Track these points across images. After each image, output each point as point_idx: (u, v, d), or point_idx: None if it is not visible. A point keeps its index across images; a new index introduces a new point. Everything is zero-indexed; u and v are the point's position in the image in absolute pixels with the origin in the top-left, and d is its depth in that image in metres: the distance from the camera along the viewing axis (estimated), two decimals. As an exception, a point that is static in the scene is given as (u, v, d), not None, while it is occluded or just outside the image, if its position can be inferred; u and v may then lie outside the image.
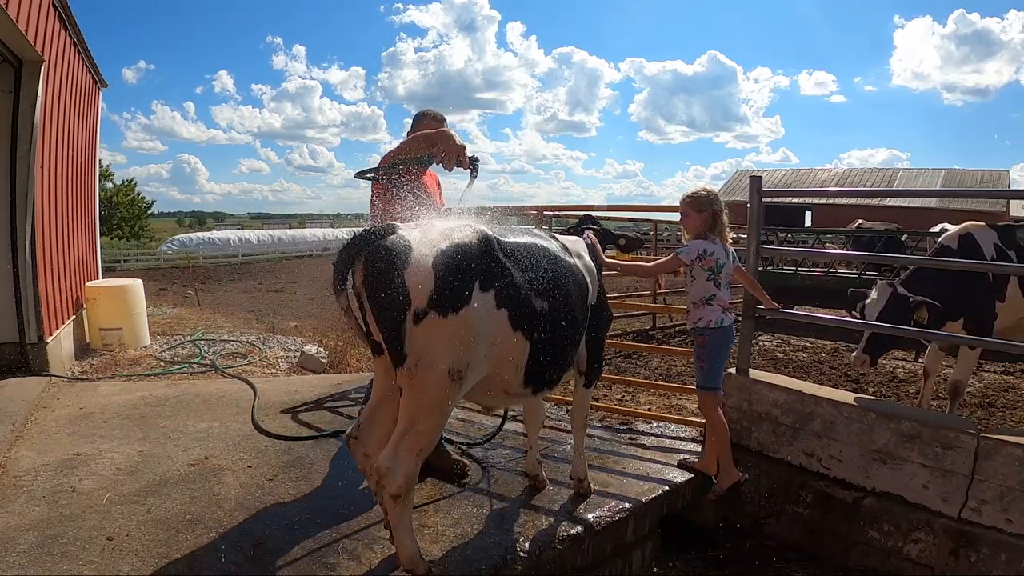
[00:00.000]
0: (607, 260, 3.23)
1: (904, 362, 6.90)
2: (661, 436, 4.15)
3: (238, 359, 6.28)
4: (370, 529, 2.74)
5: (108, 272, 13.15)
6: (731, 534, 3.48)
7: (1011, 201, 23.71)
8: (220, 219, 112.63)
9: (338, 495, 3.10)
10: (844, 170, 35.46)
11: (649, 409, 4.90)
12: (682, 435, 4.16)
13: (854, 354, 3.98)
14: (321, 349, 6.67)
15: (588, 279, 2.89)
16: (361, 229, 2.26)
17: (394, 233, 2.21)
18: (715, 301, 3.30)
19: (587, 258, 3.00)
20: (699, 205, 3.30)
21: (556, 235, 2.96)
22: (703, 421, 3.63)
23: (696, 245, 3.29)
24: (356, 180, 3.15)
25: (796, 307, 8.61)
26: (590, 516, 2.98)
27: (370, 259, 2.15)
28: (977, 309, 4.07)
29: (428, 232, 2.26)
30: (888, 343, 4.04)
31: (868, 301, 3.96)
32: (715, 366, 3.36)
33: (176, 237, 34.28)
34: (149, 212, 41.25)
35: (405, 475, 2.24)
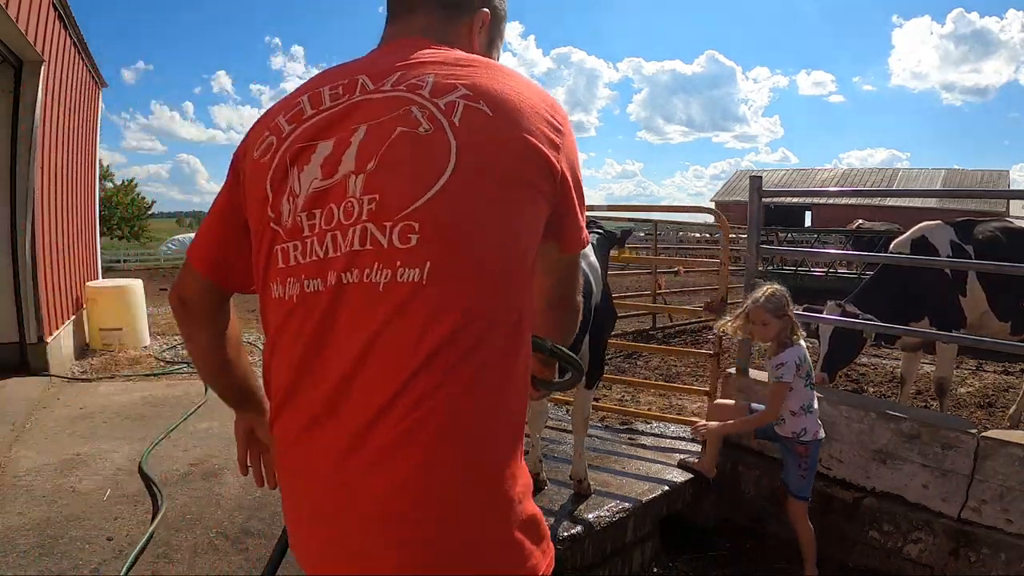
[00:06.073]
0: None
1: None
2: (661, 436, 4.15)
3: (238, 359, 6.29)
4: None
5: (108, 272, 13.14)
6: (731, 534, 3.48)
7: (1011, 201, 23.71)
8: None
9: (338, 495, 3.10)
10: (844, 170, 35.46)
11: (649, 409, 4.90)
12: (682, 435, 4.15)
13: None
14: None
15: (592, 279, 2.88)
16: None
17: None
18: (813, 410, 3.02)
19: (591, 257, 2.99)
20: (778, 310, 3.01)
21: None
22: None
23: (790, 358, 2.95)
24: None
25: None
26: (590, 516, 2.98)
27: None
28: (939, 307, 4.05)
29: None
30: (842, 359, 4.05)
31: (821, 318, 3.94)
32: (813, 475, 3.09)
33: (176, 237, 34.19)
34: (149, 212, 41.21)
35: None
